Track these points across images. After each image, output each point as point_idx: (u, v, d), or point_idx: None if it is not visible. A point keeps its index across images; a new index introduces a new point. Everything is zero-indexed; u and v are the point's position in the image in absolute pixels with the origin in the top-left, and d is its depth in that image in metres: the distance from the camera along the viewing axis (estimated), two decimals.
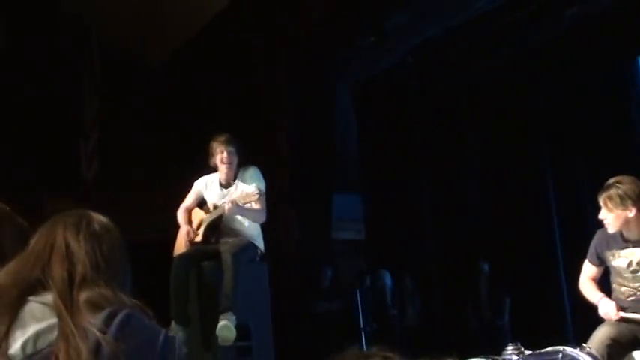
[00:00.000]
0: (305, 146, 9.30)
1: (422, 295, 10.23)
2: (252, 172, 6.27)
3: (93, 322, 1.77)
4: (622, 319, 4.80)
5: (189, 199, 6.52)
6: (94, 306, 1.82)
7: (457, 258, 10.18)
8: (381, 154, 10.62)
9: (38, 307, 1.82)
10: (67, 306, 1.80)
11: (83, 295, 1.84)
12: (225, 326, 5.77)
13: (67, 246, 1.92)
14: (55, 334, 1.77)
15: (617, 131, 9.16)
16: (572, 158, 9.52)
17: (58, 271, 1.88)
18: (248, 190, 6.06)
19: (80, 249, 1.92)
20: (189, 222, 6.44)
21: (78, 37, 9.11)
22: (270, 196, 6.39)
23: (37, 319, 1.80)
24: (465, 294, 10.15)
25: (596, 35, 8.86)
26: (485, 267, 10.01)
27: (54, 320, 1.79)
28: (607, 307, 4.83)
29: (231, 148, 6.24)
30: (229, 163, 6.24)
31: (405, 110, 10.69)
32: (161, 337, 1.83)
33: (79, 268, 1.89)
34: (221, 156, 6.24)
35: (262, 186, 6.15)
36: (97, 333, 1.74)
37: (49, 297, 1.84)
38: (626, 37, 8.86)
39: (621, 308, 4.85)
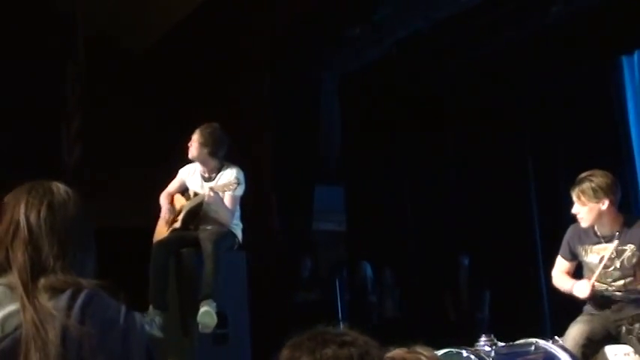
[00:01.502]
0: (288, 137, 9.35)
1: (401, 287, 10.33)
2: (237, 170, 6.31)
3: (56, 306, 1.78)
4: (594, 294, 4.87)
5: (173, 184, 6.59)
6: (54, 289, 1.82)
7: (437, 251, 10.27)
8: (363, 147, 10.68)
9: (2, 290, 1.83)
10: (27, 292, 1.80)
11: (43, 281, 1.84)
12: (207, 312, 5.83)
13: (29, 229, 1.91)
14: (20, 316, 1.78)
15: (600, 130, 9.26)
16: (554, 154, 9.62)
17: (19, 256, 1.87)
18: (227, 179, 6.14)
19: (41, 232, 1.91)
20: (172, 206, 6.52)
21: (62, 23, 9.11)
22: (252, 188, 6.44)
23: (1, 302, 1.81)
24: (444, 287, 10.26)
25: (582, 33, 8.93)
26: (465, 261, 10.11)
27: (18, 304, 1.80)
28: (580, 286, 4.88)
29: (197, 137, 6.29)
30: (190, 152, 6.31)
31: (389, 103, 10.75)
32: (122, 314, 1.84)
33: (40, 254, 1.88)
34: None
35: (242, 183, 6.19)
36: (63, 318, 1.76)
37: (12, 279, 1.85)
38: (611, 36, 8.94)
39: (598, 302, 4.93)
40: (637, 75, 9.32)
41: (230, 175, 6.24)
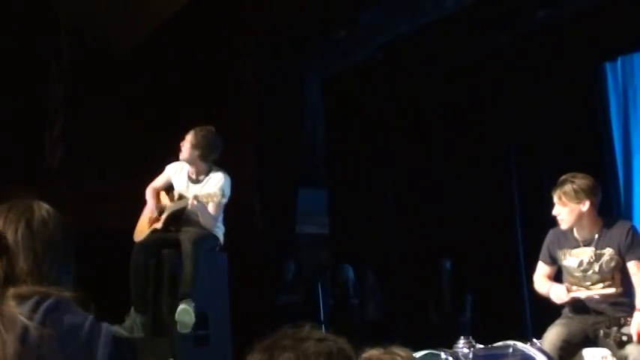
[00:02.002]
0: (272, 138, 9.36)
1: (383, 290, 10.36)
2: (224, 178, 6.30)
3: (21, 309, 1.81)
4: (573, 300, 4.90)
5: (159, 180, 6.58)
6: (22, 297, 1.85)
7: (419, 254, 10.32)
8: (347, 150, 10.72)
9: None
10: None
11: (12, 290, 1.86)
12: (185, 310, 5.84)
13: (6, 245, 1.93)
14: None
15: (583, 135, 9.35)
16: (537, 158, 9.69)
17: None
18: (211, 190, 6.12)
19: (18, 248, 1.93)
20: (157, 201, 6.51)
21: (46, 22, 9.08)
22: (235, 190, 6.45)
23: None
24: (426, 290, 10.30)
25: (566, 39, 9.01)
26: (447, 264, 10.17)
27: None
28: (557, 290, 4.92)
29: (190, 138, 6.29)
30: (182, 154, 6.31)
31: (373, 106, 10.79)
32: (88, 323, 1.85)
33: (14, 268, 1.91)
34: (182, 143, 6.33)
35: (227, 195, 6.19)
36: (24, 320, 1.78)
37: None
38: (595, 43, 9.02)
39: (576, 306, 4.97)
40: (620, 81, 9.41)
41: (217, 182, 6.22)
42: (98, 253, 8.13)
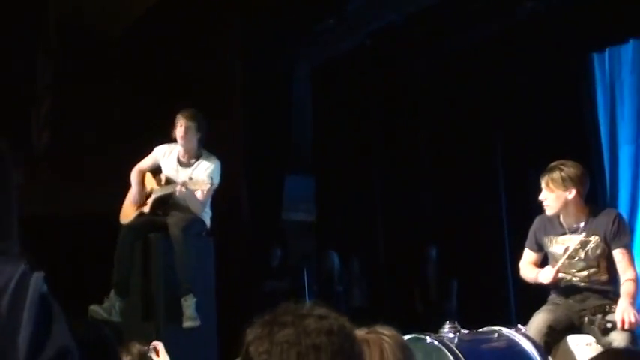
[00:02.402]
0: (259, 125, 9.35)
1: (369, 277, 10.40)
2: (214, 164, 6.28)
3: None
4: (558, 280, 4.93)
5: (146, 161, 6.54)
6: None
7: (405, 241, 10.35)
8: (335, 137, 10.71)
9: None
10: None
11: None
12: (193, 322, 5.90)
13: None
14: None
15: (569, 125, 9.38)
16: (523, 147, 9.72)
17: None
18: (201, 178, 6.10)
19: None
20: (142, 185, 6.47)
21: (32, 2, 8.99)
22: (222, 176, 6.44)
23: None
24: (412, 277, 10.34)
25: (554, 29, 9.02)
26: (433, 252, 10.20)
27: None
28: (545, 272, 4.92)
29: (190, 124, 6.25)
30: (183, 138, 6.26)
31: (361, 94, 10.79)
32: (16, 276, 1.54)
33: None
34: (179, 129, 6.26)
35: (216, 182, 6.18)
36: None
37: None
38: (583, 33, 9.04)
39: (562, 290, 4.99)
40: (607, 72, 9.43)
41: (207, 168, 6.20)
42: (83, 236, 8.12)
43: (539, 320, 4.86)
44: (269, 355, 1.64)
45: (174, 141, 6.40)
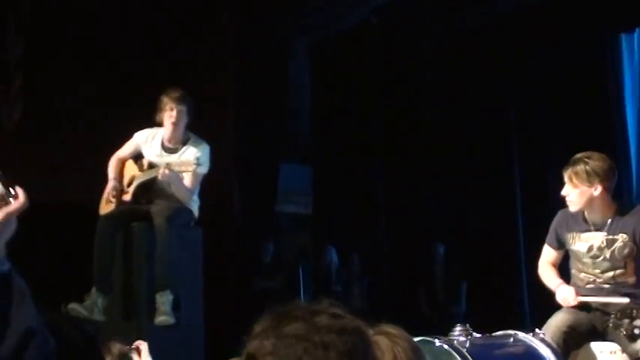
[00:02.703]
0: (253, 108, 9.32)
1: (370, 276, 10.38)
2: (203, 149, 6.26)
3: None
4: (581, 305, 4.93)
5: (126, 149, 6.50)
6: None
7: (410, 238, 10.31)
8: (335, 123, 10.68)
9: None
10: None
11: None
12: (166, 317, 5.87)
13: None
14: None
15: (594, 111, 9.32)
16: (542, 135, 9.66)
17: None
18: (187, 157, 6.07)
19: None
20: (120, 176, 6.43)
21: None
22: (212, 163, 6.41)
23: None
24: (417, 277, 10.31)
25: (582, 8, 8.96)
26: (441, 249, 10.17)
27: None
28: (565, 292, 4.93)
29: (182, 107, 6.23)
30: (176, 123, 6.23)
31: (364, 76, 10.74)
32: None
33: None
34: (170, 113, 6.22)
35: (205, 167, 6.16)
36: None
37: None
38: (612, 13, 8.98)
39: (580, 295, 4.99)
40: (637, 55, 9.38)
41: (195, 152, 6.18)
42: (57, 226, 8.07)
43: (559, 319, 4.87)
44: (274, 348, 1.63)
45: (156, 125, 6.36)
